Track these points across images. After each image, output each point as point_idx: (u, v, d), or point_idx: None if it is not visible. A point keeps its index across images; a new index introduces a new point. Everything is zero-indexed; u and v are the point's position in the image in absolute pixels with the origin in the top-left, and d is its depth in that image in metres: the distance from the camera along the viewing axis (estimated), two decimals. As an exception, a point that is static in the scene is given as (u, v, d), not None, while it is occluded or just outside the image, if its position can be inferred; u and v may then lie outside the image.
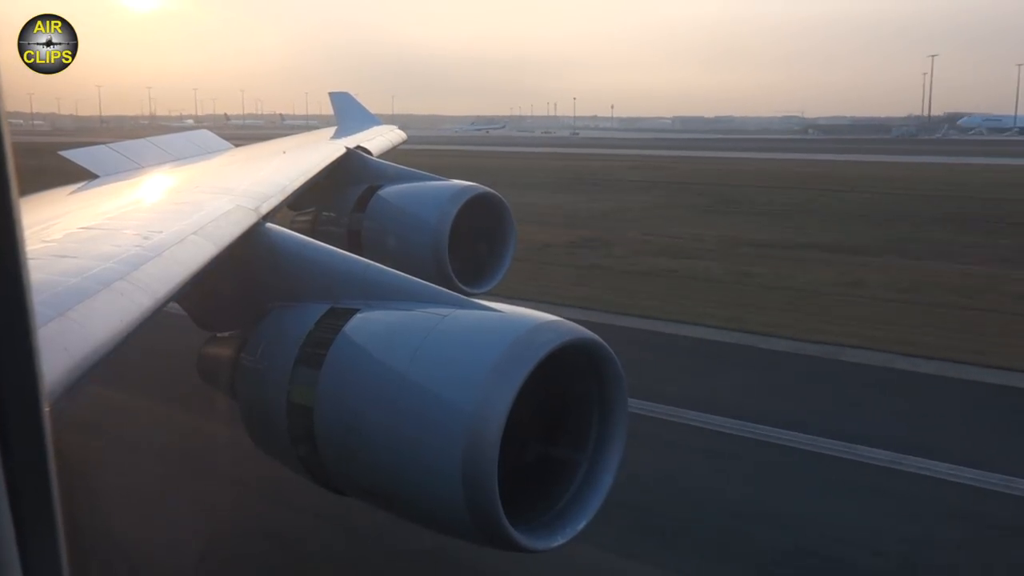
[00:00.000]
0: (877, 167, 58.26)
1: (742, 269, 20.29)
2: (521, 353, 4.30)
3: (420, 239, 10.38)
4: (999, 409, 11.28)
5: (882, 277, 19.44)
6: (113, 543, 7.07)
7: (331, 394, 4.84)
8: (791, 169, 56.36)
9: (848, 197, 37.33)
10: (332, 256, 5.92)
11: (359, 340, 4.94)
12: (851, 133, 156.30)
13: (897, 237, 25.45)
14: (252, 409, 5.56)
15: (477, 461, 4.13)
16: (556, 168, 56.63)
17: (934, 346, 13.60)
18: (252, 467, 6.67)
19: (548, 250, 22.48)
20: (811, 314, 15.83)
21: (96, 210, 6.77)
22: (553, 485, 4.82)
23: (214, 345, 6.30)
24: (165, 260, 4.31)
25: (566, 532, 4.66)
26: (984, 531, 7.75)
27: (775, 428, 9.89)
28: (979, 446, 9.51)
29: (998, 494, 8.32)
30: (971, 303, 16.94)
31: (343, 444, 4.79)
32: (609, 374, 4.76)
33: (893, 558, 7.22)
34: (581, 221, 28.78)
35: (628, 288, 18.21)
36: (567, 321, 4.70)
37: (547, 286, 17.71)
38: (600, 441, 4.86)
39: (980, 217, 30.06)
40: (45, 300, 3.20)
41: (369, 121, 18.65)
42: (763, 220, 29.50)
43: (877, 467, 8.92)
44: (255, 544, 7.35)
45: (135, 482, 8.30)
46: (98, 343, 3.16)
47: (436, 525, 4.79)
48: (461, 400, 4.27)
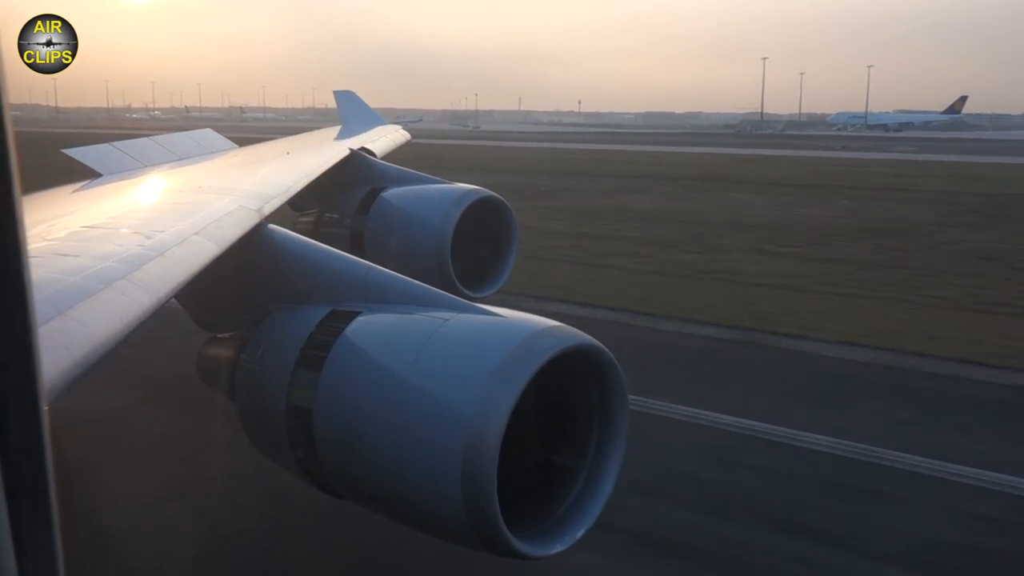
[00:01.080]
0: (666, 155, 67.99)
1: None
2: (522, 358, 4.29)
3: (423, 242, 10.36)
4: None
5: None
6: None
7: (331, 397, 4.82)
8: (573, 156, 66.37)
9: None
10: (334, 258, 5.91)
11: (360, 343, 4.93)
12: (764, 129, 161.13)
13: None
14: (251, 411, 5.55)
15: (477, 466, 4.11)
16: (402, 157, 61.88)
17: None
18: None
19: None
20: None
21: (98, 209, 6.76)
22: (553, 492, 4.81)
23: (214, 346, 6.29)
24: (167, 260, 4.30)
25: (565, 539, 4.64)
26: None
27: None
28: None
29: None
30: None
31: (342, 447, 4.78)
32: (610, 380, 4.74)
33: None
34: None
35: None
36: (569, 327, 4.68)
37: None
38: (600, 448, 4.84)
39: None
40: (46, 298, 3.19)
41: (373, 120, 18.55)
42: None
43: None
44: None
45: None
46: (99, 342, 3.14)
47: (435, 530, 4.77)
48: (461, 405, 4.25)
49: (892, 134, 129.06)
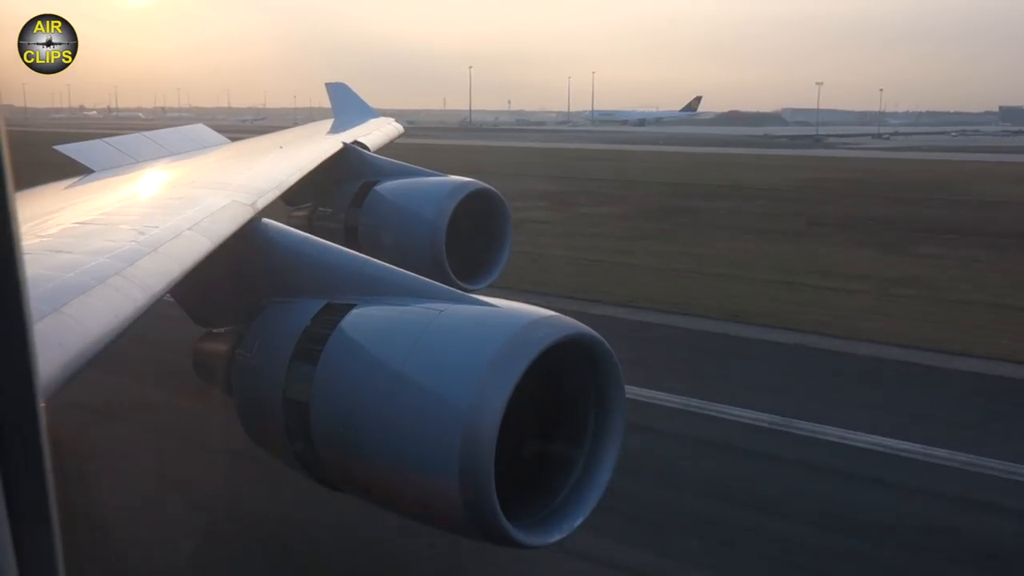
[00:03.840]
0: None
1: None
2: (518, 348, 4.29)
3: (417, 235, 10.34)
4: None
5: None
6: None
7: (327, 389, 4.82)
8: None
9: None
10: (328, 251, 5.90)
11: (355, 335, 4.93)
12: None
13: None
14: (248, 405, 5.55)
15: (474, 456, 4.12)
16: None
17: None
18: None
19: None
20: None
21: (91, 205, 6.74)
22: (550, 481, 4.82)
23: (209, 341, 6.28)
24: (160, 255, 4.29)
25: (563, 528, 4.66)
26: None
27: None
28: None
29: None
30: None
31: (339, 439, 4.78)
32: (607, 370, 4.75)
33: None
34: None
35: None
36: (565, 316, 4.68)
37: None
38: (597, 437, 4.85)
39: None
40: (40, 295, 3.18)
41: (366, 113, 18.32)
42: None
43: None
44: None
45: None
46: (93, 338, 3.14)
47: (432, 520, 4.79)
48: (458, 395, 4.26)
49: (631, 128, 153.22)
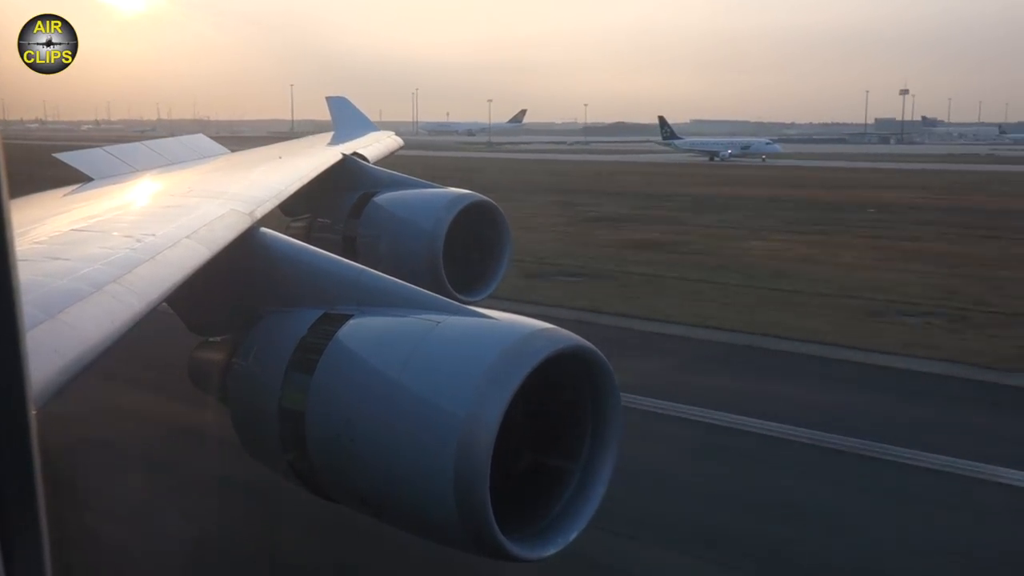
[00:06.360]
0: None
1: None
2: (515, 360, 4.28)
3: (415, 246, 10.34)
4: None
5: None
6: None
7: (323, 400, 4.81)
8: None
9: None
10: (326, 261, 5.89)
11: (352, 346, 4.91)
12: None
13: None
14: (243, 414, 5.53)
15: (469, 468, 4.10)
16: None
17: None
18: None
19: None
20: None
21: (89, 212, 6.73)
22: (546, 494, 4.80)
23: (205, 349, 6.26)
24: (157, 263, 4.28)
25: (558, 542, 4.63)
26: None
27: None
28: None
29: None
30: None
31: (334, 450, 4.76)
32: (603, 383, 4.74)
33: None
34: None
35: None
36: (562, 329, 4.68)
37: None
38: (593, 450, 4.84)
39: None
40: (35, 301, 3.17)
41: (366, 127, 18.43)
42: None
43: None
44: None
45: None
46: (88, 345, 3.13)
47: (427, 533, 4.76)
48: (454, 407, 4.24)
49: (465, 138, 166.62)
